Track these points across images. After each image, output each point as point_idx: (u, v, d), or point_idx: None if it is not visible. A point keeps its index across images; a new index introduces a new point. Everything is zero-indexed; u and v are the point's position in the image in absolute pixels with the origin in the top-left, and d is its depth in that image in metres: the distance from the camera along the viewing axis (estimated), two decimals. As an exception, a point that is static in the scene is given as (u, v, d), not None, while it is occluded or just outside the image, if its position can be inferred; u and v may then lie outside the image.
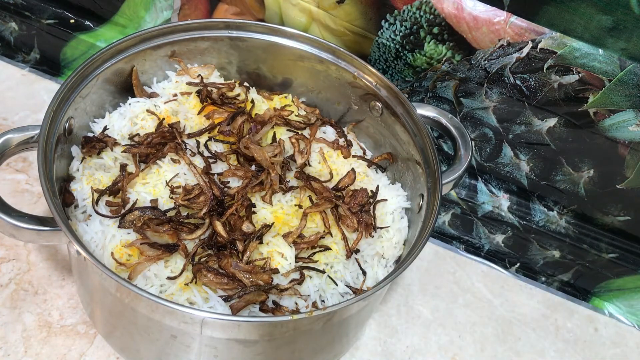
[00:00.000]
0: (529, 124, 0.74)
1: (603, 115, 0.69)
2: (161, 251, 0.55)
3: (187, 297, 0.54)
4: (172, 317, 0.49)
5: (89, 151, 0.62)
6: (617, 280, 0.80)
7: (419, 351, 0.72)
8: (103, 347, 0.65)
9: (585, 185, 0.76)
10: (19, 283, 0.69)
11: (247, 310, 0.53)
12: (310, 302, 0.56)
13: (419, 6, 0.70)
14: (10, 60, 0.92)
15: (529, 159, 0.77)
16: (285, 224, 0.60)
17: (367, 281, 0.60)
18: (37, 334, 0.65)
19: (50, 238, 0.54)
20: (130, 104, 0.68)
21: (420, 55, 0.74)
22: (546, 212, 0.81)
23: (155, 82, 0.72)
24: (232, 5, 0.82)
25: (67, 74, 0.91)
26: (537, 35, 0.67)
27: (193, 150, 0.64)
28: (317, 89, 0.75)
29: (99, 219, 0.58)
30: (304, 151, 0.66)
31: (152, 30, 0.68)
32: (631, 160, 0.71)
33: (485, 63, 0.71)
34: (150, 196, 0.60)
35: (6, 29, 0.92)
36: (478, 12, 0.68)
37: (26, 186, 0.78)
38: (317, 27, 0.77)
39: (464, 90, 0.75)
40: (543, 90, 0.70)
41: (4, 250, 0.71)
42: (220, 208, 0.58)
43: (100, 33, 0.90)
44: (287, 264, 0.57)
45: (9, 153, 0.58)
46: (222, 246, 0.56)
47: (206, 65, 0.74)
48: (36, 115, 0.86)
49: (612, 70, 0.66)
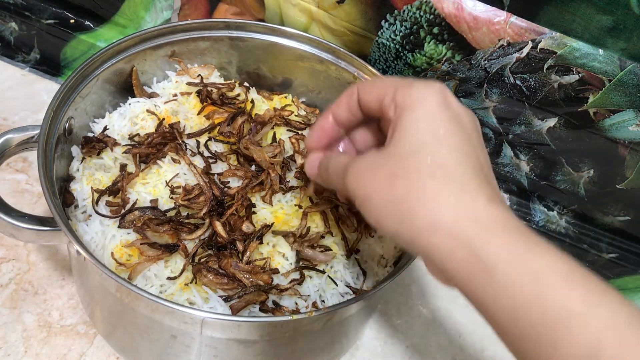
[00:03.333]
0: (529, 124, 0.74)
1: (603, 115, 0.69)
2: (161, 251, 0.55)
3: (187, 297, 0.54)
4: (172, 317, 0.49)
5: (89, 151, 0.62)
6: (617, 280, 0.80)
7: (419, 351, 0.72)
8: (103, 347, 0.65)
9: (585, 185, 0.76)
10: (19, 283, 0.69)
11: (247, 310, 0.53)
12: (310, 302, 0.56)
13: (419, 6, 0.70)
14: (10, 60, 0.92)
15: (529, 159, 0.77)
16: (285, 224, 0.60)
17: (367, 281, 0.60)
18: (37, 334, 0.65)
19: (50, 238, 0.54)
20: (130, 104, 0.68)
21: (420, 55, 0.74)
22: (546, 212, 0.81)
23: (155, 82, 0.72)
24: (232, 5, 0.82)
25: (67, 74, 0.91)
26: (537, 35, 0.67)
27: (193, 150, 0.64)
28: (317, 89, 0.75)
29: (99, 219, 0.58)
30: (304, 151, 0.66)
31: (152, 30, 0.68)
32: (631, 160, 0.71)
33: (485, 63, 0.71)
34: (150, 196, 0.60)
35: (6, 29, 0.92)
36: (478, 12, 0.68)
37: (26, 186, 0.78)
38: (317, 27, 0.77)
39: (464, 90, 0.75)
40: (543, 90, 0.70)
41: (4, 250, 0.71)
42: (220, 208, 0.58)
43: (100, 33, 0.90)
44: (287, 264, 0.57)
45: (9, 153, 0.58)
46: (222, 246, 0.56)
47: (206, 65, 0.74)
48: (36, 115, 0.86)
49: (612, 70, 0.66)
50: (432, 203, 0.37)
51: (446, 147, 0.39)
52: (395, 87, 0.43)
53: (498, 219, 0.37)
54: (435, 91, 0.41)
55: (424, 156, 0.39)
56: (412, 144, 0.40)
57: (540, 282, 0.34)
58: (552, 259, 0.36)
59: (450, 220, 0.37)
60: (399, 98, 0.42)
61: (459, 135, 0.40)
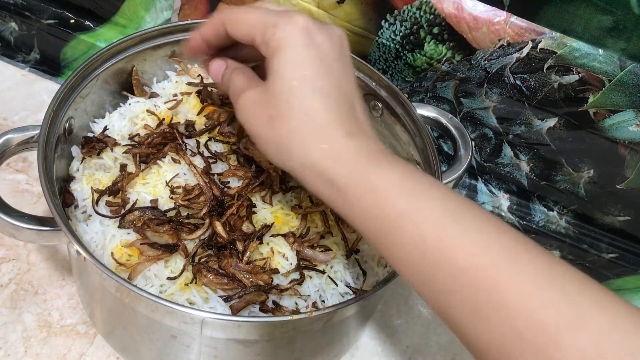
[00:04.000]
0: (529, 124, 0.74)
1: (603, 115, 0.69)
2: (161, 251, 0.55)
3: (187, 297, 0.54)
4: (172, 317, 0.49)
5: (89, 151, 0.62)
6: (617, 280, 0.80)
7: (419, 351, 0.72)
8: (103, 347, 0.65)
9: (585, 185, 0.76)
10: (19, 283, 0.69)
11: (247, 311, 0.53)
12: (310, 302, 0.56)
13: (419, 6, 0.70)
14: (10, 60, 0.92)
15: (529, 159, 0.77)
16: (286, 224, 0.60)
17: (367, 281, 0.60)
18: (37, 334, 0.65)
19: (50, 238, 0.54)
20: (130, 104, 0.68)
21: (420, 55, 0.74)
22: (546, 212, 0.81)
23: (155, 82, 0.72)
24: (232, 5, 0.82)
25: (67, 74, 0.91)
26: (537, 35, 0.67)
27: (193, 150, 0.64)
28: (317, 89, 0.75)
29: (99, 219, 0.58)
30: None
31: (152, 30, 0.68)
32: (631, 160, 0.71)
33: (485, 63, 0.71)
34: (150, 196, 0.60)
35: (6, 29, 0.92)
36: (478, 12, 0.68)
37: (26, 186, 0.78)
38: (317, 27, 0.77)
39: (464, 90, 0.75)
40: (543, 90, 0.70)
41: (4, 250, 0.71)
42: (220, 208, 0.58)
43: (100, 33, 0.90)
44: (287, 264, 0.57)
45: (9, 153, 0.58)
46: (222, 246, 0.56)
47: (206, 65, 0.74)
48: (36, 115, 0.86)
49: (612, 70, 0.66)
50: (301, 144, 0.44)
51: (310, 91, 0.44)
52: (263, 24, 0.46)
53: (351, 149, 0.43)
54: (299, 29, 0.45)
55: (293, 100, 0.44)
56: (284, 88, 0.45)
57: (378, 194, 0.41)
58: (389, 172, 0.42)
59: (313, 159, 0.44)
60: (267, 38, 0.46)
61: (322, 76, 0.45)
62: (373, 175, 0.42)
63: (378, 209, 0.41)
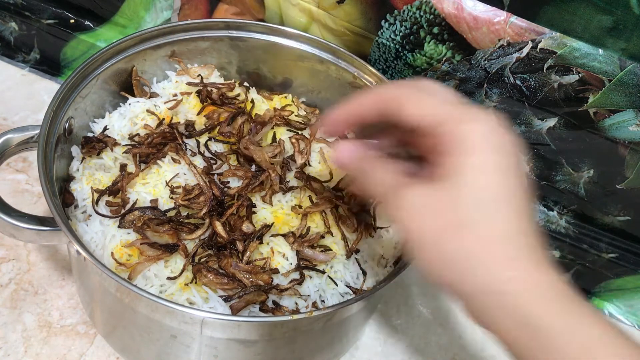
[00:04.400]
0: (529, 123, 0.74)
1: (603, 115, 0.69)
2: (161, 251, 0.55)
3: (187, 297, 0.54)
4: (172, 317, 0.49)
5: (89, 151, 0.62)
6: (617, 280, 0.80)
7: (419, 351, 0.72)
8: (103, 347, 0.65)
9: (585, 185, 0.76)
10: (19, 283, 0.69)
11: (247, 310, 0.53)
12: (310, 302, 0.56)
13: (419, 6, 0.70)
14: (10, 60, 0.92)
15: (529, 159, 0.77)
16: (285, 224, 0.60)
17: (367, 281, 0.60)
18: (37, 334, 0.65)
19: (50, 238, 0.54)
20: (130, 104, 0.68)
21: (420, 55, 0.74)
22: (546, 212, 0.81)
23: (155, 82, 0.72)
24: (232, 5, 0.82)
25: (67, 74, 0.91)
26: (537, 35, 0.67)
27: (193, 150, 0.64)
28: (317, 89, 0.75)
29: (99, 219, 0.58)
30: (304, 151, 0.66)
31: (152, 30, 0.68)
32: (631, 160, 0.71)
33: (485, 63, 0.71)
34: (150, 196, 0.60)
35: (6, 29, 0.92)
36: (478, 12, 0.68)
37: (26, 186, 0.78)
38: (317, 27, 0.77)
39: (464, 90, 0.75)
40: (543, 90, 0.70)
41: (4, 250, 0.71)
42: (220, 208, 0.59)
43: (100, 33, 0.90)
44: (287, 264, 0.57)
45: (9, 153, 0.58)
46: (222, 246, 0.56)
47: (206, 65, 0.74)
48: (36, 115, 0.86)
49: (612, 70, 0.66)
50: (492, 266, 0.39)
51: (504, 210, 0.40)
52: (447, 114, 0.42)
53: (549, 285, 0.38)
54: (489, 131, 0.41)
55: (485, 215, 0.39)
56: (474, 197, 0.40)
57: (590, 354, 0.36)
58: (600, 333, 0.37)
59: (507, 288, 0.38)
60: (455, 130, 0.41)
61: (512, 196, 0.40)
62: (584, 332, 0.37)
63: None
